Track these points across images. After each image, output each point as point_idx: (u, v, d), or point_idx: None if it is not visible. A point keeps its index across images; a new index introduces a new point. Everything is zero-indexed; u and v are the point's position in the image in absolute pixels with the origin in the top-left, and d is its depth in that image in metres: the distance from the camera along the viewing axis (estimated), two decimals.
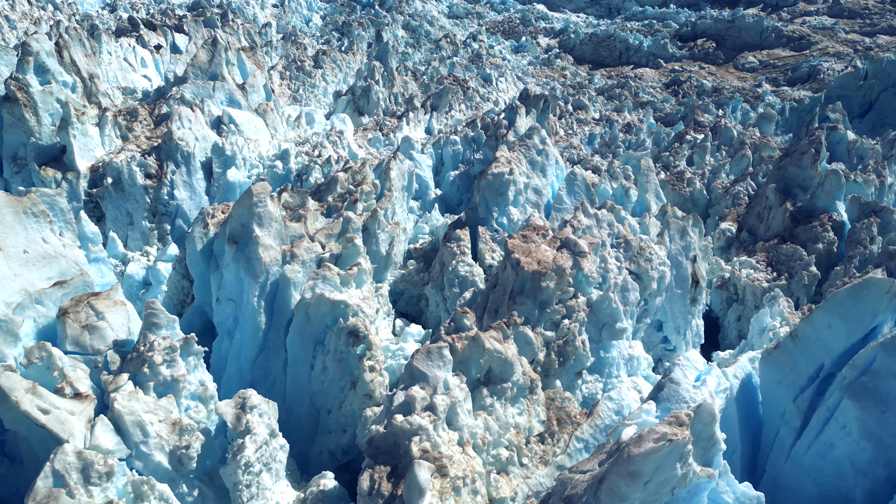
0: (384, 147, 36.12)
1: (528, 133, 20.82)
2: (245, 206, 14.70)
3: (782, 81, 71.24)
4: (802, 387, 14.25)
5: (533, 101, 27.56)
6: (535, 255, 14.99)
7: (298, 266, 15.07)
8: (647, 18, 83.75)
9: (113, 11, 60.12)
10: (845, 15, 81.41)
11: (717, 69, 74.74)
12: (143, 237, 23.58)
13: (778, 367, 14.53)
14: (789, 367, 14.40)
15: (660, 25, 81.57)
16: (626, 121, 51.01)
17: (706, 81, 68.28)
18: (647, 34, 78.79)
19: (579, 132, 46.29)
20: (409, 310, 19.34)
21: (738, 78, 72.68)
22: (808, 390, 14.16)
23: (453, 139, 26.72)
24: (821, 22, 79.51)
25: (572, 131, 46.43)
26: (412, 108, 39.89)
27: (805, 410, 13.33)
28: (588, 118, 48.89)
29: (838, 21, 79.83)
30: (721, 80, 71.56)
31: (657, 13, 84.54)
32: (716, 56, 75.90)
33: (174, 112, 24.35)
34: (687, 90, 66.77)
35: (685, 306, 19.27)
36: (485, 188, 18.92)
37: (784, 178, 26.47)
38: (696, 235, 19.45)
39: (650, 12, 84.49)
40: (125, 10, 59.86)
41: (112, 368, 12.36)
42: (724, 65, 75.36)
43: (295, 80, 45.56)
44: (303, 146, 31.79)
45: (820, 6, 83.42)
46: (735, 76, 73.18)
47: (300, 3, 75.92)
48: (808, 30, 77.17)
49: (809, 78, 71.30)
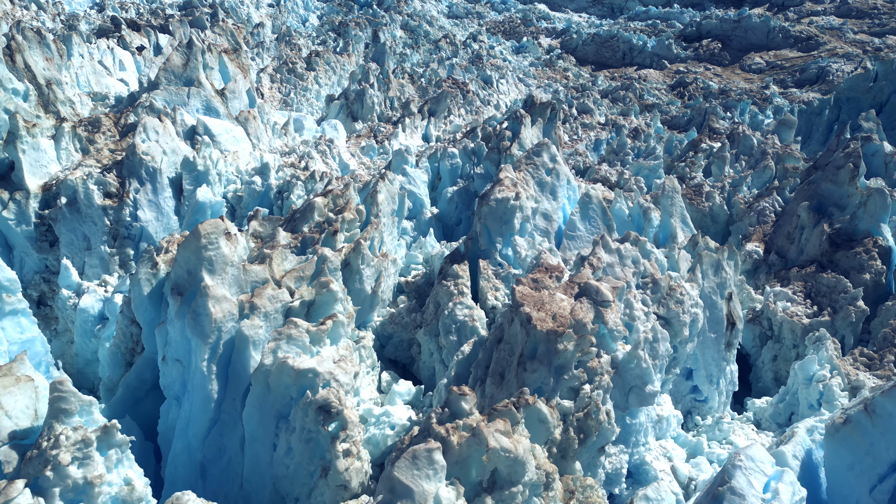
0: (378, 156, 33.10)
1: (537, 149, 17.79)
2: (191, 250, 11.69)
3: (790, 83, 68.17)
4: (882, 475, 11.30)
5: (539, 110, 24.51)
6: (549, 308, 11.99)
7: (260, 320, 12.08)
8: (650, 18, 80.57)
9: (101, 11, 57.02)
10: (853, 15, 78.21)
11: (723, 70, 71.60)
12: (102, 264, 20.59)
13: (849, 448, 11.56)
14: (864, 450, 11.43)
15: (664, 25, 78.39)
16: (633, 125, 47.97)
17: (712, 83, 65.21)
18: (651, 34, 75.65)
19: (584, 138, 43.25)
20: (398, 355, 16.36)
21: (745, 79, 69.57)
22: (889, 480, 11.22)
23: (451, 152, 23.69)
24: (828, 22, 76.33)
25: (577, 137, 43.39)
26: (409, 114, 36.87)
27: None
28: (593, 123, 45.84)
29: (846, 21, 76.63)
30: (727, 82, 68.45)
31: (661, 13, 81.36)
32: (721, 57, 72.76)
33: (139, 122, 21.33)
34: (693, 92, 63.70)
35: (719, 352, 16.27)
36: (487, 216, 15.91)
37: (817, 196, 23.45)
38: (732, 270, 16.44)
39: (654, 12, 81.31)
40: (114, 9, 56.76)
41: (6, 471, 9.39)
42: (730, 66, 72.22)
43: (286, 84, 42.52)
44: (288, 157, 28.78)
45: (827, 6, 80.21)
46: (741, 77, 70.06)
47: (296, 3, 72.78)
48: (815, 30, 74.00)
49: (818, 79, 68.24)
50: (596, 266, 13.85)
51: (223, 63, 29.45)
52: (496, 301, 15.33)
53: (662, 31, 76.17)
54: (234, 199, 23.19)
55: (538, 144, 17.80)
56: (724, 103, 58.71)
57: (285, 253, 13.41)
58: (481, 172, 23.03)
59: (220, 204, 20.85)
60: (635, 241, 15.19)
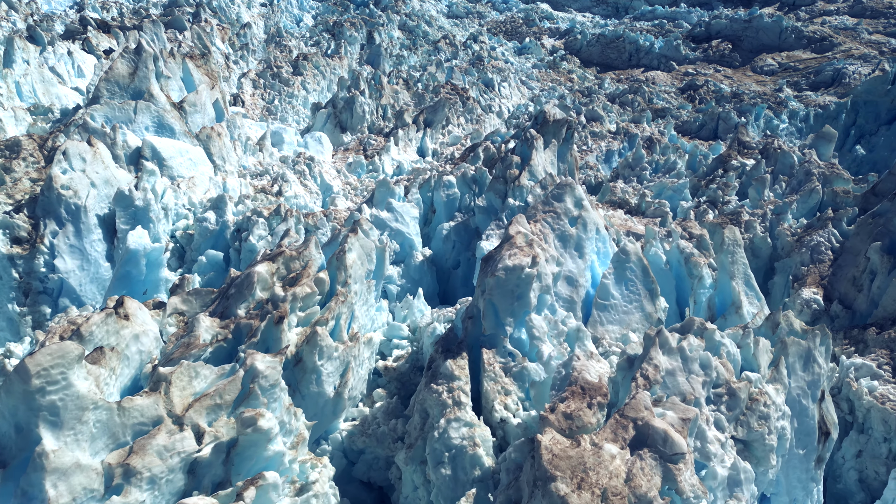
0: (367, 174, 28.42)
1: (557, 192, 13.10)
2: (18, 396, 7.03)
3: (804, 85, 63.34)
4: None
5: (552, 128, 19.75)
6: (596, 478, 7.36)
7: (142, 492, 7.47)
8: (657, 18, 75.61)
9: (80, 11, 52.21)
10: (868, 14, 73.17)
11: (734, 72, 66.66)
12: (10, 326, 15.97)
13: None
14: None
15: (671, 25, 73.43)
16: (646, 133, 43.23)
17: (724, 86, 60.38)
18: (658, 35, 70.71)
19: (595, 148, 38.53)
20: (372, 476, 11.74)
21: (757, 82, 64.67)
22: None
23: (447, 180, 18.98)
24: (842, 22, 71.30)
25: (587, 147, 38.66)
26: (402, 125, 32.16)
27: None
28: (603, 131, 41.07)
29: (861, 21, 71.61)
30: (739, 84, 63.58)
31: (668, 13, 76.37)
32: (732, 58, 67.82)
33: (58, 149, 16.66)
34: (704, 95, 58.93)
35: (807, 471, 11.64)
36: (493, 290, 11.24)
37: (889, 233, 18.79)
38: (824, 359, 11.78)
39: (660, 11, 76.32)
40: (94, 9, 51.95)
41: None
42: (741, 67, 67.27)
43: (270, 90, 37.78)
44: (261, 178, 24.11)
45: (840, 5, 75.18)
46: (753, 80, 65.15)
47: (290, 2, 67.88)
48: (829, 30, 69.01)
49: (833, 82, 63.44)
50: (653, 380, 9.21)
51: (188, 70, 24.73)
52: (506, 412, 10.67)
53: (670, 32, 71.23)
54: (184, 239, 18.54)
55: (559, 186, 13.11)
56: (739, 108, 54.01)
57: (194, 369, 8.74)
58: (483, 205, 18.35)
59: (160, 251, 16.19)
60: (701, 331, 10.53)
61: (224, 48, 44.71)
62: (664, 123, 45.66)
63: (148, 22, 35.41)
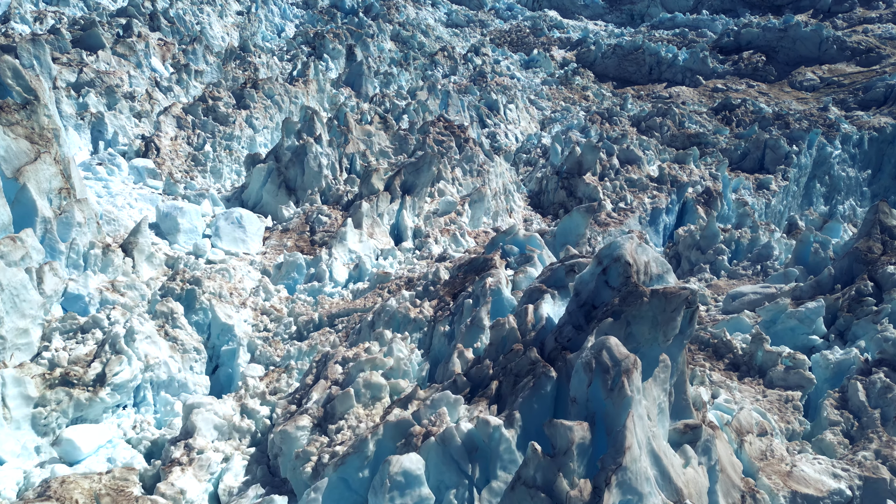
0: (304, 286, 16.53)
1: None
2: None
3: (852, 104, 50.70)
4: None
5: (652, 310, 7.77)
6: None
7: None
8: (677, 27, 62.84)
9: (5, 23, 39.94)
10: None
11: (770, 88, 54.12)
12: None
13: None
14: None
15: (694, 35, 60.73)
16: (694, 177, 31.15)
17: (763, 105, 47.93)
18: (681, 45, 58.08)
19: (636, 205, 26.59)
20: None
21: (798, 99, 52.13)
22: None
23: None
24: (887, 31, 58.48)
25: (625, 203, 26.69)
26: (369, 192, 20.18)
27: None
28: (643, 178, 28.90)
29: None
30: (777, 102, 51.06)
31: (689, 20, 63.57)
32: (766, 72, 55.16)
33: None
34: (742, 117, 46.38)
35: None
36: None
37: None
38: None
39: (681, 19, 63.52)
40: (22, 19, 39.69)
41: None
42: (777, 82, 54.69)
43: (202, 130, 25.73)
44: (77, 345, 12.22)
45: (883, 12, 62.24)
46: (793, 96, 52.61)
47: (271, 10, 55.51)
48: (874, 40, 56.30)
49: (887, 100, 50.79)
50: None
51: None
52: None
53: (694, 42, 58.60)
54: None
55: None
56: (788, 134, 41.53)
57: None
58: None
59: None
60: None
61: (164, 69, 32.62)
62: (714, 163, 33.47)
63: (24, 41, 23.37)
